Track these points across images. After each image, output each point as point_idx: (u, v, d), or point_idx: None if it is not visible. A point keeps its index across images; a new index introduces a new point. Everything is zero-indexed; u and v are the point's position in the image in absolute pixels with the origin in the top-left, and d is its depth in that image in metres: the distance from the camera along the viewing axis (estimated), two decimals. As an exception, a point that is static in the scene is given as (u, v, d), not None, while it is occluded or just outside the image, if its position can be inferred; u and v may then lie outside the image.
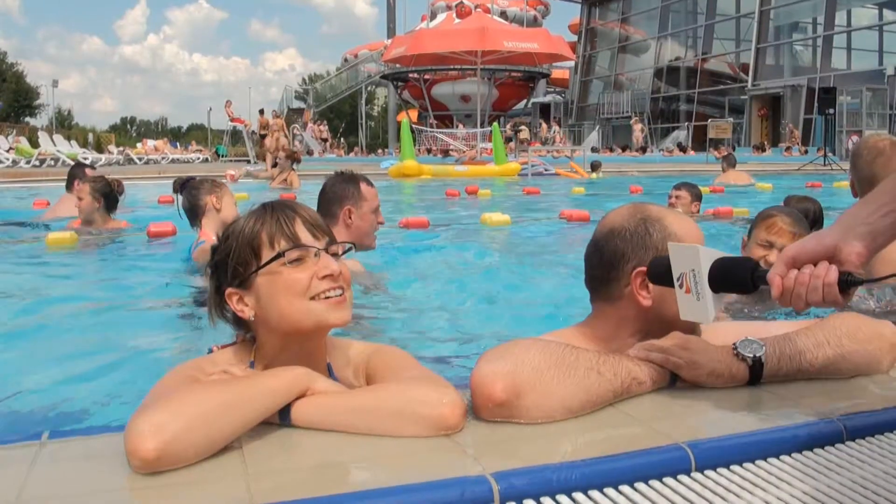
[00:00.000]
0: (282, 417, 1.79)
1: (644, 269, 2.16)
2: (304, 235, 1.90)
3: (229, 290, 1.91)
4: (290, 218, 1.92)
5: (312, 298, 1.87)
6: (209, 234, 4.82)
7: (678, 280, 1.94)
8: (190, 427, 1.61)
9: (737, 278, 1.87)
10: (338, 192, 4.26)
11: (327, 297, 1.88)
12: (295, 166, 14.97)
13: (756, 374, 2.10)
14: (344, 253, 1.98)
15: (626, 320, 2.23)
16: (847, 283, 1.69)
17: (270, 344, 1.95)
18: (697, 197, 7.47)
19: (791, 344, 2.15)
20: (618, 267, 2.22)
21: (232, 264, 1.90)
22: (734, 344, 2.11)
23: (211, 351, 2.03)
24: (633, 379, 1.99)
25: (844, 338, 2.18)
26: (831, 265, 1.71)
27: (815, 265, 1.73)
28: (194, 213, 5.12)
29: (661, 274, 2.01)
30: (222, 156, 36.86)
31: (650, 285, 2.16)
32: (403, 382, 1.84)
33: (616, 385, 1.96)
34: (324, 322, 1.89)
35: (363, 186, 4.28)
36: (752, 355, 2.09)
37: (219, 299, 1.97)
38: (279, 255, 1.87)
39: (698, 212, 7.49)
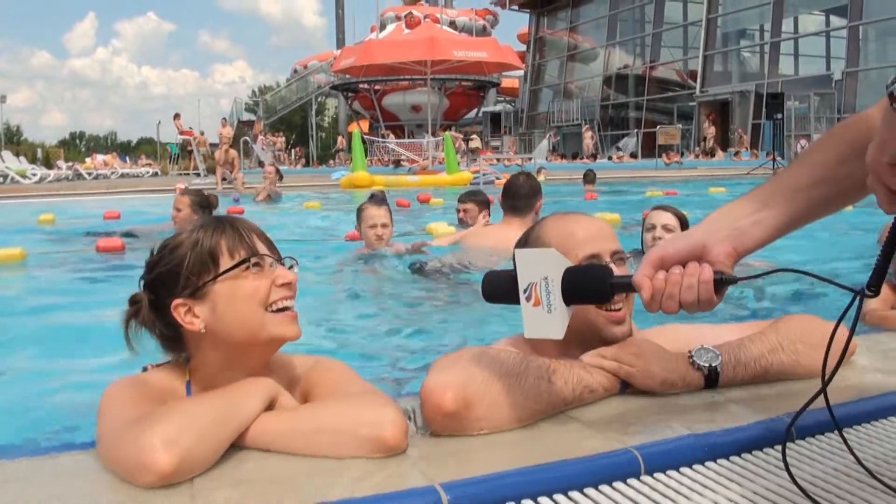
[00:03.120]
0: None
1: None
2: (261, 247, 1.92)
3: (178, 300, 1.86)
4: (247, 230, 1.94)
5: (268, 309, 1.86)
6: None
7: (525, 292, 1.74)
8: (200, 439, 1.63)
9: (591, 287, 1.73)
10: (535, 187, 5.09)
11: (283, 310, 1.88)
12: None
13: (711, 383, 2.09)
14: (291, 266, 1.97)
15: None
16: (721, 282, 1.65)
17: (212, 362, 1.91)
18: (485, 205, 7.29)
19: (745, 351, 2.15)
20: None
21: (185, 274, 1.86)
22: (690, 352, 2.10)
23: (145, 370, 2.00)
24: (585, 387, 1.98)
25: (798, 342, 2.18)
26: (703, 264, 1.66)
27: (683, 266, 1.68)
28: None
29: (497, 293, 1.84)
30: (175, 154, 36.55)
31: None
32: (342, 402, 1.81)
33: (567, 393, 1.94)
34: (279, 336, 1.88)
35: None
36: (707, 364, 2.08)
37: (154, 317, 1.92)
38: (245, 261, 1.87)
39: (488, 221, 7.10)
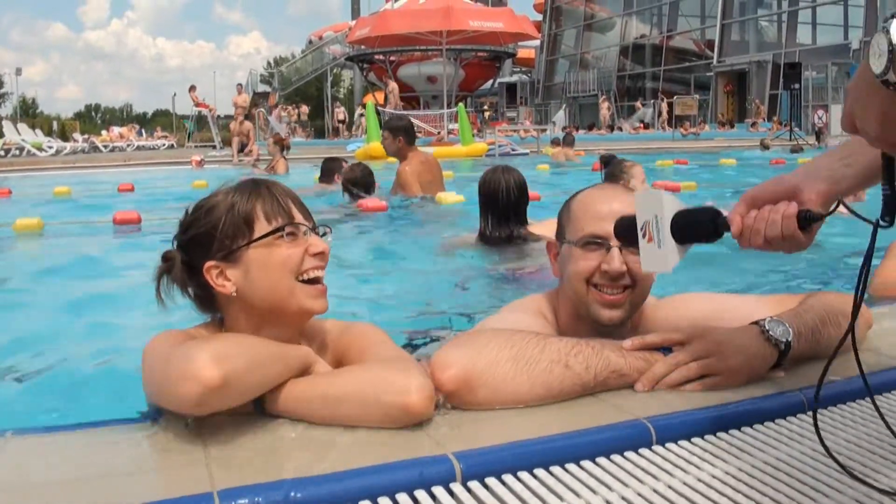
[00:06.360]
0: (255, 405, 1.77)
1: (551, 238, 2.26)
2: (297, 214, 1.92)
3: (210, 263, 1.86)
4: (283, 195, 1.93)
5: (299, 278, 1.87)
6: None
7: (641, 230, 1.83)
8: (249, 365, 1.66)
9: (700, 225, 1.78)
10: None
11: (313, 281, 1.88)
12: (284, 153, 14.69)
13: (781, 359, 1.99)
14: (324, 235, 1.96)
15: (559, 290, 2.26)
16: (807, 219, 1.65)
17: (243, 325, 1.91)
18: (400, 131, 7.32)
19: (804, 322, 2.04)
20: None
21: (219, 237, 1.86)
22: (761, 325, 1.99)
23: None
24: (613, 372, 1.91)
25: (840, 316, 2.11)
26: (791, 202, 1.68)
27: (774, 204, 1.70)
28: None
29: (622, 232, 1.94)
30: (191, 131, 36.53)
31: (554, 256, 2.23)
32: (368, 369, 1.80)
33: (587, 379, 1.88)
34: (306, 308, 1.89)
35: None
36: (784, 340, 1.97)
37: (187, 276, 1.92)
38: (280, 229, 1.86)
39: (402, 146, 7.37)
